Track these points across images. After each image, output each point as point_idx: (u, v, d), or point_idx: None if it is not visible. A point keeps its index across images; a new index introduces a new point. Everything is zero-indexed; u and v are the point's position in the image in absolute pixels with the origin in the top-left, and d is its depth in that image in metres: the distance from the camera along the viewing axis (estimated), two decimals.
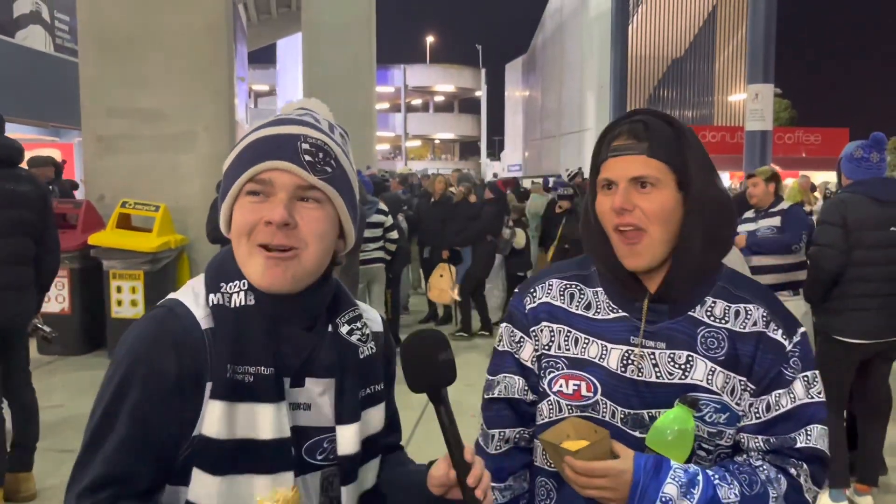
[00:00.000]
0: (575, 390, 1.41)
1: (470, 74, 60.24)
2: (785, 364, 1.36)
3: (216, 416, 1.07)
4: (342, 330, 1.22)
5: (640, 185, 1.33)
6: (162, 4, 7.66)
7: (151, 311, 1.14)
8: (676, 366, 1.36)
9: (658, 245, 1.34)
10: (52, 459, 4.42)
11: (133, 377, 1.07)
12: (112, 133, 7.71)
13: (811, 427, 1.35)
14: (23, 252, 3.93)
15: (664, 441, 1.31)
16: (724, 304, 1.39)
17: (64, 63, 15.47)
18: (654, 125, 1.35)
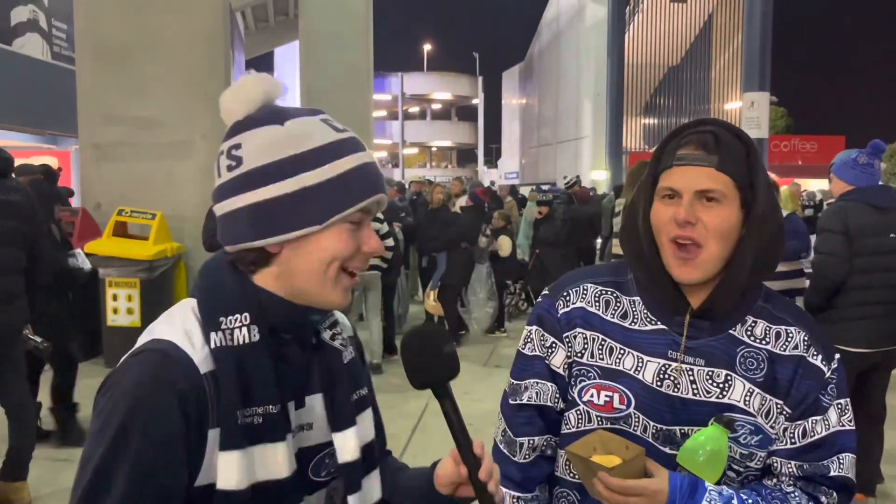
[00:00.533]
0: (607, 401, 1.38)
1: (467, 82, 60.39)
2: (823, 391, 1.34)
3: (233, 468, 1.00)
4: (325, 336, 1.18)
5: (705, 199, 1.28)
6: (159, 13, 7.68)
7: (140, 353, 1.02)
8: (714, 384, 1.33)
9: (714, 261, 1.30)
10: (47, 468, 4.41)
11: (132, 427, 0.96)
12: (109, 141, 7.71)
13: (843, 455, 1.34)
14: (13, 263, 3.92)
15: (696, 460, 1.28)
16: (765, 325, 1.36)
17: (61, 71, 15.46)
18: (726, 138, 1.30)
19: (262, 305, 1.07)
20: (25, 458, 4.02)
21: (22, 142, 15.69)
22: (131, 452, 0.96)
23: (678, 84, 40.11)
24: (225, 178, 1.08)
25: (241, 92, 1.10)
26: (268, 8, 28.07)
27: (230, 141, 1.09)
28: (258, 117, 1.08)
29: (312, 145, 1.06)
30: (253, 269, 1.09)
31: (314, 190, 1.05)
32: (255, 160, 1.05)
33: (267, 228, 1.05)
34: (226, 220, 1.08)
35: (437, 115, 64.58)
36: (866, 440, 4.12)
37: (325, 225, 1.05)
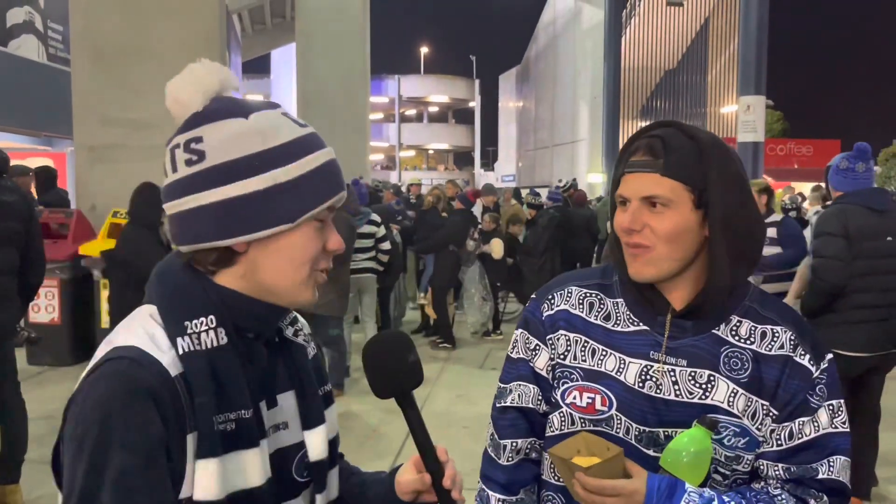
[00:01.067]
0: (589, 403, 1.37)
1: (464, 85, 60.39)
2: (811, 391, 1.31)
3: (209, 477, 0.95)
4: (287, 333, 1.16)
5: (651, 205, 1.29)
6: (155, 15, 7.66)
7: (102, 364, 0.95)
8: (697, 385, 1.31)
9: (665, 261, 1.30)
10: (40, 471, 4.37)
11: (109, 442, 0.89)
12: (104, 143, 7.69)
13: (834, 458, 1.30)
14: (8, 263, 3.90)
15: (679, 462, 1.27)
16: (751, 325, 1.34)
17: (57, 72, 15.45)
18: (674, 141, 1.29)
19: (227, 306, 1.02)
20: (18, 461, 4.00)
21: (17, 143, 15.64)
22: (112, 470, 0.89)
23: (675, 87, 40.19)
24: (182, 174, 1.01)
25: (195, 80, 1.03)
26: (265, 10, 28.07)
27: (188, 133, 1.02)
28: (218, 109, 1.02)
29: (281, 140, 1.02)
30: (214, 270, 1.04)
31: (286, 187, 1.01)
32: (221, 155, 1.00)
33: (235, 227, 1.00)
34: (185, 217, 1.01)
35: (434, 117, 64.58)
36: (860, 443, 4.13)
37: (296, 223, 1.02)
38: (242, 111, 1.03)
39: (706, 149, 1.28)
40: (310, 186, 1.03)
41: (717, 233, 1.28)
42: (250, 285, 1.04)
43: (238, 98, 1.07)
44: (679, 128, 1.32)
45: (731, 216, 1.28)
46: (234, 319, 1.03)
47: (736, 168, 1.31)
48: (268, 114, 1.04)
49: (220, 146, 1.00)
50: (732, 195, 1.28)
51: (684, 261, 1.31)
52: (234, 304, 1.03)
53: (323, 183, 1.05)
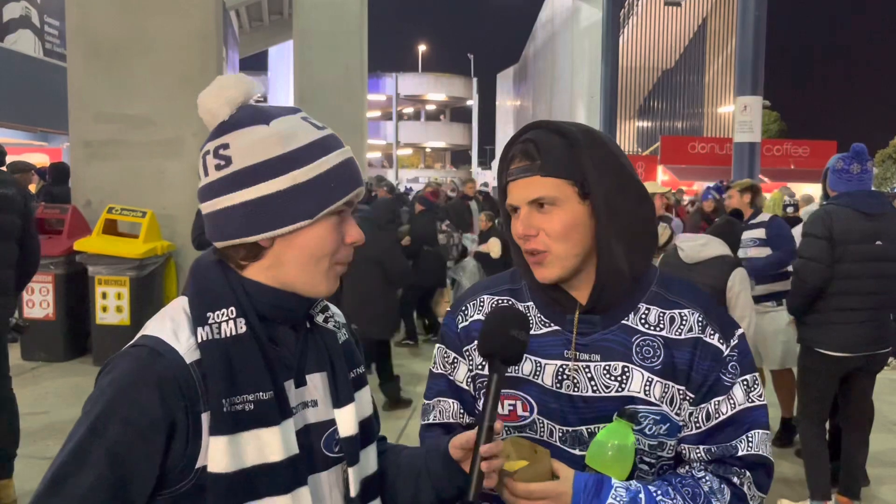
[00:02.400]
0: (511, 410, 1.36)
1: (461, 83, 60.40)
2: (723, 370, 1.31)
3: (220, 452, 1.05)
4: (318, 319, 1.25)
5: (539, 206, 1.30)
6: (152, 10, 7.65)
7: (129, 349, 1.09)
8: (612, 378, 1.31)
9: (565, 259, 1.31)
10: (33, 466, 4.39)
11: (113, 415, 1.02)
12: (100, 138, 7.68)
13: (753, 433, 1.31)
14: (7, 256, 3.91)
15: (604, 458, 1.27)
16: (659, 311, 1.34)
17: (53, 68, 15.43)
18: (545, 141, 1.31)
19: (249, 296, 1.13)
20: (10, 455, 4.00)
21: (13, 139, 15.63)
22: (108, 437, 1.01)
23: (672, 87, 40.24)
24: (213, 178, 1.12)
25: (222, 93, 1.13)
26: (262, 7, 28.03)
27: (216, 141, 1.12)
28: (243, 117, 1.12)
29: (299, 143, 1.12)
30: (244, 264, 1.14)
31: (305, 186, 1.10)
32: (245, 159, 1.10)
33: (260, 224, 1.10)
34: (216, 217, 1.12)
35: (432, 115, 64.58)
36: (851, 443, 4.15)
37: (315, 219, 1.12)
38: (264, 118, 1.13)
39: (576, 141, 1.30)
40: (327, 184, 1.13)
41: (602, 219, 1.30)
42: (276, 277, 1.14)
43: (261, 106, 1.17)
44: (547, 127, 1.34)
45: (611, 199, 1.30)
46: (258, 309, 1.13)
47: (608, 151, 1.32)
48: (287, 119, 1.14)
49: (244, 151, 1.11)
50: (609, 178, 1.30)
51: (582, 255, 1.32)
52: (258, 295, 1.14)
53: (339, 180, 1.14)
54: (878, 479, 4.56)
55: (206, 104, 1.14)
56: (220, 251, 1.16)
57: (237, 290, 1.13)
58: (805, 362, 4.10)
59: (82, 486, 1.00)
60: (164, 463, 1.04)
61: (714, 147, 27.10)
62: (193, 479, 1.06)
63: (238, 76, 1.16)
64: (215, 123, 1.14)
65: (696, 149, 26.89)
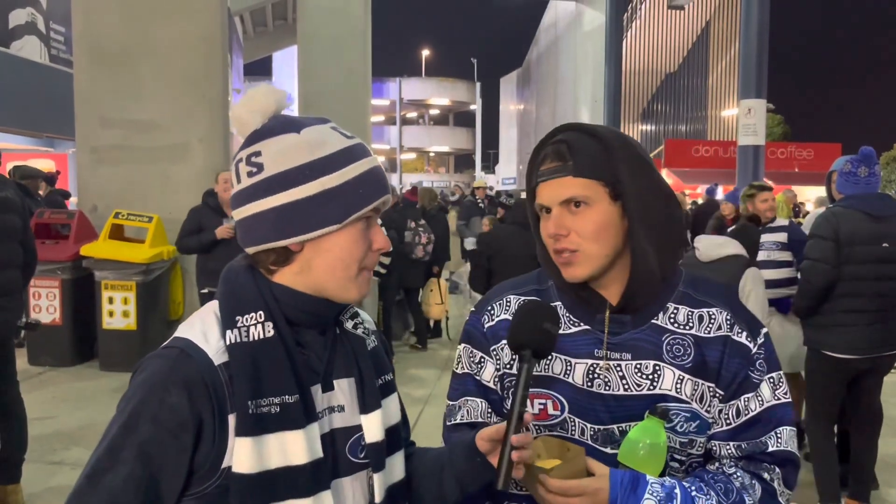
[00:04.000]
0: (541, 409, 1.37)
1: (465, 88, 60.43)
2: (752, 367, 1.34)
3: (245, 453, 1.07)
4: (347, 326, 1.27)
5: (572, 206, 1.32)
6: (157, 16, 7.68)
7: (162, 349, 1.13)
8: (644, 376, 1.33)
9: (595, 258, 1.32)
10: (41, 471, 4.40)
11: (144, 413, 1.06)
12: (106, 144, 7.70)
13: (781, 429, 1.34)
14: (12, 257, 3.93)
15: (637, 455, 1.29)
16: (688, 310, 1.37)
17: (59, 74, 15.47)
18: (577, 143, 1.33)
19: (278, 301, 1.15)
20: (18, 460, 4.01)
21: (19, 144, 15.67)
22: (139, 435, 1.05)
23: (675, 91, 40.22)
24: (245, 184, 1.15)
25: (255, 103, 1.17)
26: (266, 12, 28.11)
27: (249, 149, 1.16)
28: (274, 126, 1.16)
29: (329, 151, 1.15)
30: (273, 269, 1.17)
31: (333, 192, 1.14)
32: (276, 166, 1.13)
33: (290, 229, 1.13)
34: (248, 222, 1.15)
35: (435, 120, 64.64)
36: (859, 445, 4.14)
37: (343, 224, 1.14)
38: (295, 127, 1.16)
39: (609, 143, 1.32)
40: (355, 191, 1.15)
41: (635, 220, 1.31)
42: (305, 282, 1.17)
43: (292, 116, 1.21)
44: (580, 129, 1.36)
45: (645, 202, 1.32)
46: (287, 313, 1.16)
47: (640, 156, 1.35)
48: (318, 128, 1.18)
49: (275, 158, 1.14)
50: (642, 182, 1.32)
51: (612, 255, 1.34)
52: (287, 300, 1.16)
53: (367, 187, 1.17)
54: (888, 482, 4.54)
55: (238, 114, 1.18)
56: (251, 256, 1.18)
57: (266, 294, 1.15)
58: (812, 365, 4.09)
59: (115, 481, 1.03)
60: (192, 462, 1.07)
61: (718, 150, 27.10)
62: (218, 480, 1.08)
63: (268, 87, 1.19)
64: (247, 133, 1.17)
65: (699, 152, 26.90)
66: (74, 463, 4.63)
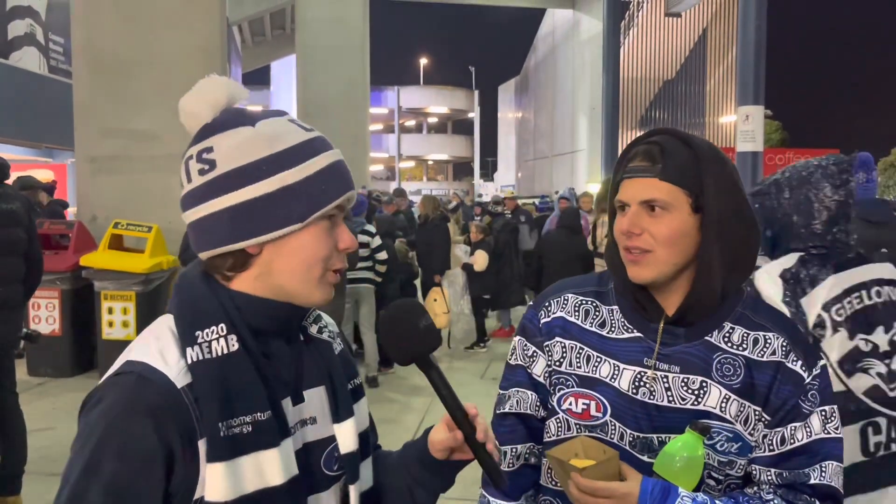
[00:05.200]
0: (584, 409, 1.39)
1: (463, 96, 60.50)
2: (803, 396, 1.32)
3: (218, 480, 0.98)
4: (312, 331, 1.18)
5: (650, 209, 1.31)
6: (156, 26, 7.70)
7: (113, 377, 1.01)
8: (689, 391, 1.33)
9: (664, 264, 1.32)
10: (41, 483, 4.38)
11: (106, 450, 0.95)
12: (105, 154, 7.71)
13: (826, 463, 1.32)
14: (14, 271, 3.93)
15: (672, 467, 1.28)
16: (743, 331, 1.35)
17: (58, 84, 15.51)
18: (671, 147, 1.32)
19: (240, 310, 1.06)
20: (19, 472, 3.99)
21: (18, 155, 15.67)
22: (104, 474, 0.95)
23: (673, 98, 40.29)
24: (197, 183, 1.05)
25: (206, 94, 1.08)
26: (264, 22, 28.20)
27: (199, 145, 1.06)
28: (227, 120, 1.07)
29: (287, 145, 1.06)
30: (230, 275, 1.07)
31: (294, 188, 1.04)
32: (231, 162, 1.04)
33: (247, 229, 1.03)
34: (201, 225, 1.06)
35: (434, 128, 64.69)
36: None
37: (306, 223, 1.05)
38: (250, 120, 1.07)
39: (702, 155, 1.31)
40: (317, 187, 1.06)
41: (710, 237, 1.30)
42: (266, 287, 1.07)
43: (245, 108, 1.11)
44: (675, 135, 1.36)
45: (724, 222, 1.30)
46: (250, 322, 1.06)
47: (731, 175, 1.34)
48: (274, 121, 1.09)
49: (229, 154, 1.04)
50: (727, 201, 1.31)
51: (681, 265, 1.33)
52: (249, 308, 1.06)
53: (330, 183, 1.08)
54: None
55: (187, 107, 1.09)
56: (205, 262, 1.08)
57: (226, 304, 1.05)
58: None
59: None
60: (167, 495, 0.98)
61: None
62: None
63: (221, 79, 1.10)
64: (197, 127, 1.08)
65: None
66: None
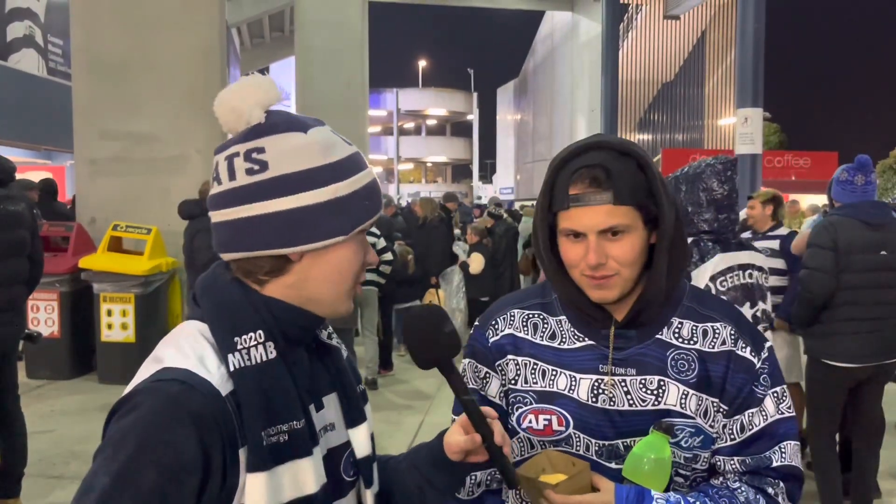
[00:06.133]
0: (546, 425, 1.37)
1: (462, 98, 60.53)
2: (756, 382, 1.34)
3: (259, 490, 0.97)
4: (322, 337, 1.19)
5: (610, 234, 1.27)
6: (155, 28, 7.70)
7: (153, 383, 0.98)
8: (649, 392, 1.32)
9: (627, 281, 1.31)
10: (40, 485, 4.38)
11: (143, 460, 0.91)
12: (104, 156, 7.71)
13: (784, 444, 1.34)
14: (18, 273, 3.94)
15: (641, 471, 1.28)
16: (692, 324, 1.36)
17: (57, 86, 15.50)
18: (615, 166, 1.25)
19: (275, 317, 1.05)
20: (18, 474, 3.99)
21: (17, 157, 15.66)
22: (140, 485, 0.91)
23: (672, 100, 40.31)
24: (242, 182, 1.03)
25: (253, 92, 1.06)
26: (263, 24, 28.21)
27: (248, 143, 1.04)
28: (279, 122, 1.05)
29: (339, 156, 1.07)
30: (265, 280, 1.06)
31: (343, 201, 1.05)
32: (285, 166, 1.02)
33: (296, 236, 1.03)
34: (242, 225, 1.03)
35: (432, 130, 64.68)
36: (861, 455, 4.13)
37: (350, 235, 1.07)
38: (301, 126, 1.06)
39: (644, 161, 1.28)
40: (361, 202, 1.08)
41: (663, 245, 1.30)
42: (296, 294, 1.07)
43: (291, 113, 1.11)
44: (611, 148, 1.29)
45: (669, 222, 1.30)
46: (284, 330, 1.06)
47: (661, 174, 1.31)
48: (322, 130, 1.09)
49: (282, 158, 1.03)
50: (668, 199, 1.29)
51: (639, 275, 1.33)
52: (284, 316, 1.06)
53: (371, 199, 1.10)
54: (890, 491, 4.53)
55: (232, 103, 1.05)
56: (238, 265, 1.06)
57: (261, 311, 1.04)
58: (812, 374, 4.09)
59: None
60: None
61: None
62: None
63: (266, 78, 1.08)
64: (240, 125, 1.05)
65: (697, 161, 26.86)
66: (74, 477, 4.60)
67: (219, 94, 1.07)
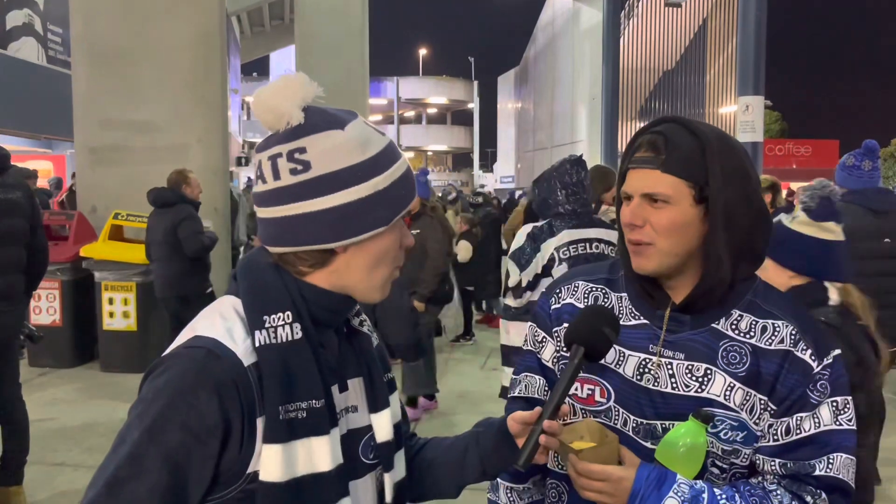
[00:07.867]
0: (589, 395, 1.40)
1: (462, 86, 60.41)
2: (811, 386, 1.29)
3: (273, 461, 1.04)
4: (354, 323, 1.25)
5: (652, 201, 1.30)
6: (155, 16, 7.66)
7: (183, 349, 1.06)
8: (693, 378, 1.32)
9: (666, 255, 1.31)
10: (42, 472, 4.39)
11: (171, 419, 1.00)
12: (104, 144, 7.69)
13: (834, 455, 1.29)
14: (15, 261, 3.92)
15: (674, 454, 1.28)
16: (752, 319, 1.34)
17: (57, 75, 15.45)
18: (676, 137, 1.30)
19: (306, 300, 1.12)
20: (21, 462, 4.00)
21: (17, 146, 15.65)
22: (166, 442, 0.99)
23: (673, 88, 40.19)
24: (287, 182, 1.08)
25: (293, 93, 1.10)
26: (263, 12, 28.08)
27: (290, 144, 1.08)
28: (318, 122, 1.10)
29: (376, 150, 1.12)
30: (309, 270, 1.13)
31: (383, 193, 1.11)
32: (327, 165, 1.08)
33: (343, 231, 1.09)
34: (289, 223, 1.09)
35: (433, 119, 64.59)
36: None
37: (390, 224, 1.13)
38: (338, 123, 1.11)
39: (708, 144, 1.29)
40: (398, 191, 1.14)
41: (716, 227, 1.29)
42: (335, 281, 1.14)
43: (328, 109, 1.14)
44: (682, 123, 1.34)
45: (731, 211, 1.29)
46: (313, 313, 1.12)
47: (740, 162, 1.32)
48: (358, 124, 1.13)
49: (324, 157, 1.08)
50: (734, 190, 1.29)
51: (685, 255, 1.33)
52: (315, 299, 1.13)
53: (407, 188, 1.16)
54: (890, 478, 4.54)
55: (270, 102, 1.10)
56: (280, 256, 1.12)
57: (293, 293, 1.11)
58: None
59: (139, 491, 0.98)
60: (217, 468, 1.03)
61: None
62: (243, 485, 1.05)
63: (303, 76, 1.12)
64: (280, 125, 1.09)
65: None
66: (76, 464, 4.62)
67: (256, 93, 1.11)
